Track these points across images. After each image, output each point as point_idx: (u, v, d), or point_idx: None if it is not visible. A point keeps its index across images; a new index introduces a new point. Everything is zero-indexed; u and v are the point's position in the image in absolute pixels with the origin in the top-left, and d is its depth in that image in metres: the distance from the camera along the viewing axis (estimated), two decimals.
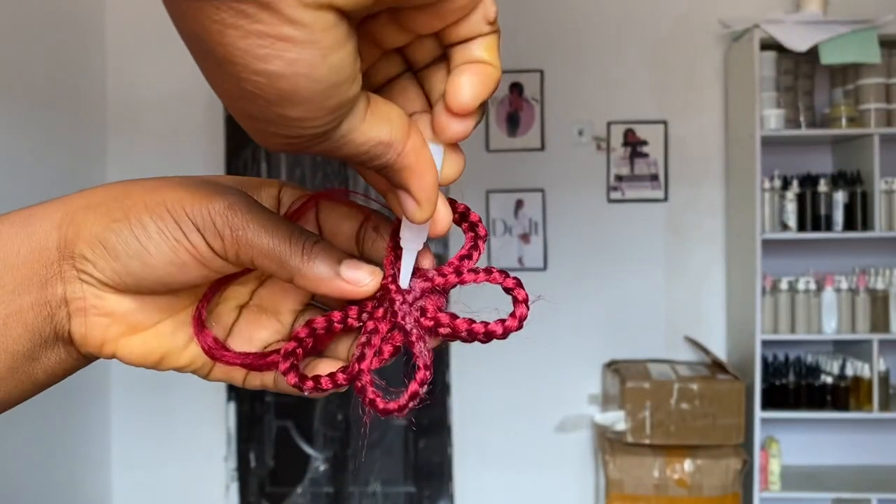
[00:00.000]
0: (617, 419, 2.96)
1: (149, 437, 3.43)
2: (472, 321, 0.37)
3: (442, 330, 0.37)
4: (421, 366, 0.37)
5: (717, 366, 3.14)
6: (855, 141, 3.15)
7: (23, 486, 2.74)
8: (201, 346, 0.39)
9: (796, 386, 3.08)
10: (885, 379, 3.02)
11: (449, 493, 3.43)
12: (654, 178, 3.38)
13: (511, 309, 0.38)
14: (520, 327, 0.38)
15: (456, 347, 3.41)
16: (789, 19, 3.02)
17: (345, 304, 0.39)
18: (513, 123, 3.41)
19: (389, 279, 0.37)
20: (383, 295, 0.38)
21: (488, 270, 0.38)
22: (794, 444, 3.23)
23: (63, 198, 0.38)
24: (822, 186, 3.07)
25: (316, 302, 0.42)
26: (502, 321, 0.37)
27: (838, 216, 3.05)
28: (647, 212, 3.39)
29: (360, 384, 0.38)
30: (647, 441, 2.92)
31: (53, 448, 2.94)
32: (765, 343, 3.06)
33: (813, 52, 3.00)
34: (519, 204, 3.41)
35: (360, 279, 0.36)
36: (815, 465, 3.27)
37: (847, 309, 3.04)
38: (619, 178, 3.39)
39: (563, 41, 3.41)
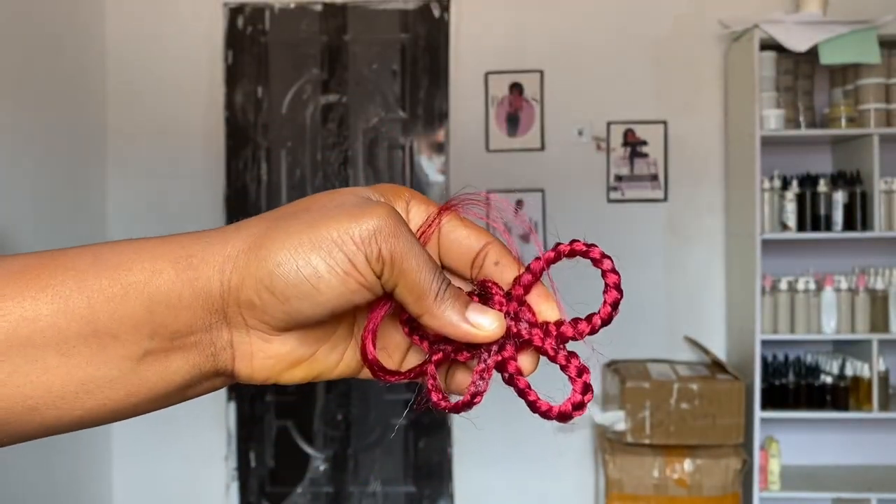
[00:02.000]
0: (617, 419, 2.96)
1: (149, 437, 3.43)
2: (536, 399, 0.41)
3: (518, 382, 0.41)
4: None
5: (716, 366, 3.14)
6: (854, 141, 3.15)
7: (23, 486, 2.74)
8: (372, 372, 0.41)
9: (796, 386, 3.08)
10: (884, 379, 3.02)
11: (449, 493, 3.43)
12: (654, 178, 3.38)
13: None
14: (575, 413, 0.41)
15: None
16: (789, 19, 3.03)
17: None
18: (513, 123, 3.41)
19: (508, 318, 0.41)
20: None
21: (568, 356, 0.42)
22: (793, 443, 3.23)
23: (221, 234, 0.38)
24: (822, 186, 3.08)
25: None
26: (568, 401, 0.41)
27: (838, 216, 3.05)
28: (646, 212, 3.39)
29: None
30: (646, 441, 2.92)
31: (54, 448, 2.94)
32: (764, 343, 3.06)
33: (813, 53, 3.00)
34: (519, 204, 3.41)
35: (485, 324, 0.39)
36: (814, 465, 3.27)
37: (847, 309, 3.04)
38: (619, 178, 3.39)
39: (563, 41, 3.41)
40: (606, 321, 0.42)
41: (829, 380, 3.06)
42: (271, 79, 3.47)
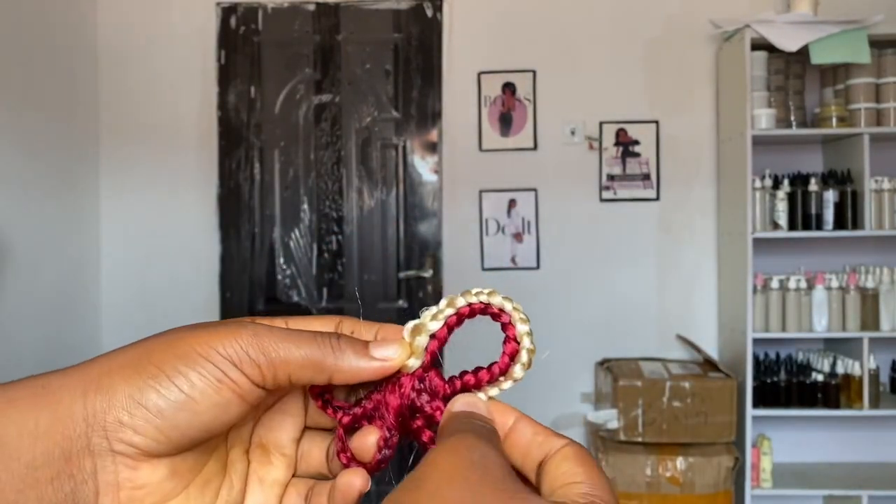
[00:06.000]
0: (609, 417, 2.97)
1: None
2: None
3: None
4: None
5: (708, 364, 3.16)
6: (845, 140, 3.17)
7: None
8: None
9: (787, 384, 3.09)
10: (875, 377, 3.04)
11: None
12: (646, 177, 3.39)
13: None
14: None
15: (449, 343, 3.41)
16: (780, 19, 3.04)
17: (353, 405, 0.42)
18: (505, 123, 3.42)
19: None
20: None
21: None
22: (785, 441, 3.25)
23: (79, 366, 0.36)
24: (813, 185, 3.09)
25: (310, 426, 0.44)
26: None
27: (829, 215, 3.07)
28: (638, 211, 3.40)
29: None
30: (639, 439, 2.93)
31: None
32: (756, 341, 3.07)
33: (803, 52, 3.02)
34: (512, 203, 3.42)
35: (390, 355, 0.39)
36: (806, 463, 3.29)
37: (837, 307, 3.06)
38: (612, 177, 3.40)
39: (556, 41, 3.42)
40: (504, 372, 0.40)
41: (820, 378, 3.07)
42: (264, 78, 3.47)
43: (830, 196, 3.07)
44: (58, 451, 0.34)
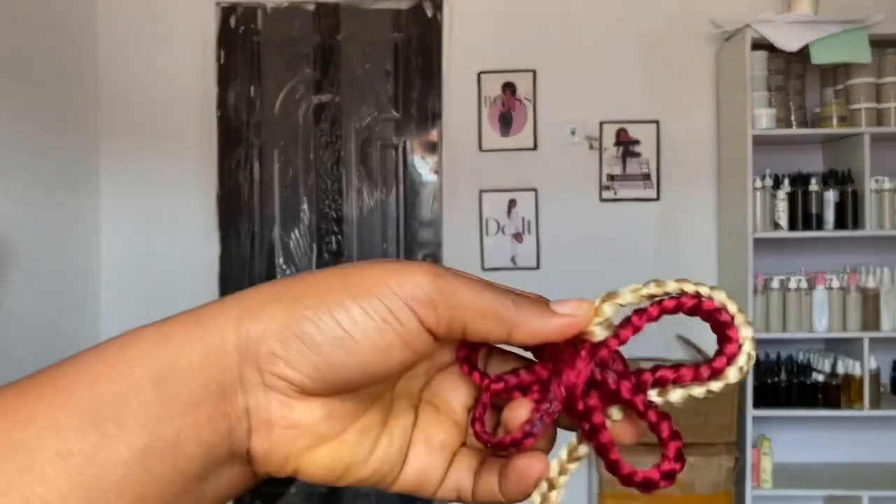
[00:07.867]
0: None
1: None
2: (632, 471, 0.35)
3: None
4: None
5: None
6: (845, 140, 3.17)
7: None
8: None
9: (788, 384, 3.09)
10: (875, 377, 3.04)
11: None
12: (647, 177, 3.39)
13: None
14: (669, 481, 0.35)
15: None
16: (780, 19, 3.04)
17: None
18: (505, 123, 3.42)
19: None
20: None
21: (660, 416, 0.35)
22: (785, 441, 3.24)
23: (236, 295, 0.34)
24: (813, 185, 3.09)
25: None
26: (657, 467, 0.35)
27: (829, 215, 3.07)
28: (639, 211, 3.40)
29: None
30: None
31: None
32: (756, 341, 3.06)
33: (804, 52, 3.01)
34: (512, 203, 3.41)
35: (574, 310, 0.36)
36: (806, 463, 3.28)
37: (838, 307, 3.05)
38: (612, 177, 3.40)
39: (556, 41, 3.42)
40: (717, 373, 0.35)
41: (820, 378, 3.07)
42: (264, 78, 3.47)
43: (831, 196, 3.07)
44: (213, 386, 0.32)
